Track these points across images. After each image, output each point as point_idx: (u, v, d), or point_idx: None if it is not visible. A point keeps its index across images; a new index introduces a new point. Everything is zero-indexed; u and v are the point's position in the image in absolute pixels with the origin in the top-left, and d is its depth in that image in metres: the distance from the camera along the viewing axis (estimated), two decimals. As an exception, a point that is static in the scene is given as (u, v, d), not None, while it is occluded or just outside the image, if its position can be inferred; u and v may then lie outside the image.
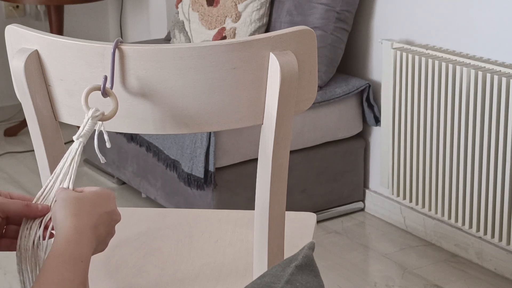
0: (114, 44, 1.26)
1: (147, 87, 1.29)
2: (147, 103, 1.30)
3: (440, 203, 2.74)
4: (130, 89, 1.29)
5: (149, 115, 1.31)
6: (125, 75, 1.29)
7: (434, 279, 2.65)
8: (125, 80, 1.29)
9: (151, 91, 1.29)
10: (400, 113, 2.82)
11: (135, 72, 1.28)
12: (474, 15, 2.65)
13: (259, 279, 0.95)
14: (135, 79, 1.29)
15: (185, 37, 3.30)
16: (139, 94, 1.30)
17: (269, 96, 1.30)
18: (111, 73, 1.27)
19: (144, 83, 1.29)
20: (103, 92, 1.26)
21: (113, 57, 1.26)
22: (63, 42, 1.29)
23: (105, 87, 1.26)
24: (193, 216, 1.75)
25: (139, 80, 1.29)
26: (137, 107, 1.31)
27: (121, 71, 1.28)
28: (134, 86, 1.29)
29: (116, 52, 1.27)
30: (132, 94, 1.30)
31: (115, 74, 1.28)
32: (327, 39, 2.95)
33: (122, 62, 1.27)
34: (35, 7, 4.21)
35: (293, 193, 2.94)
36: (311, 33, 1.32)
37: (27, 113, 1.36)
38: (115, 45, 1.26)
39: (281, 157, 1.35)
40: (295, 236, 1.63)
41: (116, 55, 1.27)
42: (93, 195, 1.13)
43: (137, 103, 1.30)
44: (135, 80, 1.29)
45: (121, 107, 1.30)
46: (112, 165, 3.32)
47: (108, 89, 1.26)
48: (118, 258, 1.59)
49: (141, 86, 1.29)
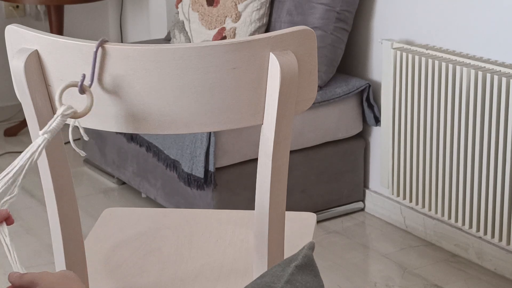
0: (98, 43, 1.26)
1: (147, 87, 1.29)
2: (147, 103, 1.30)
3: (440, 203, 2.74)
4: (129, 89, 1.29)
5: (149, 115, 1.31)
6: (122, 74, 1.29)
7: (434, 279, 2.65)
8: (124, 80, 1.29)
9: (151, 91, 1.29)
10: (400, 113, 2.82)
11: (134, 72, 1.28)
12: (474, 15, 2.65)
13: (259, 279, 0.95)
14: (135, 78, 1.29)
15: (185, 37, 3.30)
16: (139, 94, 1.30)
17: (269, 96, 1.30)
18: (91, 71, 1.27)
19: (143, 83, 1.29)
20: (80, 89, 1.26)
21: (94, 55, 1.26)
22: (63, 42, 1.29)
23: (82, 84, 1.26)
24: (193, 216, 1.75)
25: (138, 80, 1.29)
26: (137, 107, 1.30)
27: (112, 70, 1.28)
28: (134, 86, 1.29)
29: (114, 52, 1.27)
30: (132, 94, 1.30)
31: (116, 73, 1.28)
32: (327, 39, 2.95)
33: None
34: (35, 7, 4.21)
35: (293, 193, 2.94)
36: (311, 33, 1.32)
37: (27, 113, 1.36)
38: (99, 44, 1.26)
39: (281, 157, 1.35)
40: (295, 236, 1.63)
41: (116, 55, 1.27)
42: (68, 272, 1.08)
43: (137, 103, 1.30)
44: (135, 80, 1.29)
45: (121, 107, 1.30)
46: (112, 165, 3.32)
47: (85, 86, 1.26)
48: (118, 258, 1.59)
49: (140, 86, 1.29)
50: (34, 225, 3.05)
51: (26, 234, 2.99)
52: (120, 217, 1.77)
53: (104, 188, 3.41)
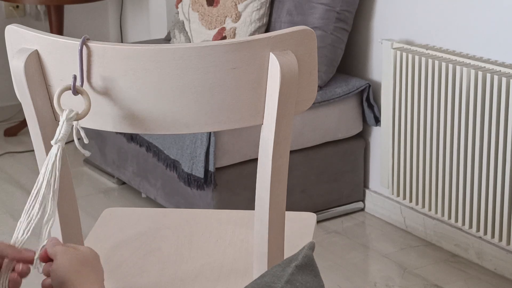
0: (81, 41, 1.26)
1: (147, 87, 1.29)
2: (147, 103, 1.30)
3: (440, 203, 2.74)
4: (129, 89, 1.29)
5: (148, 115, 1.31)
6: (122, 74, 1.29)
7: (434, 279, 2.65)
8: (124, 80, 1.29)
9: (151, 91, 1.29)
10: (400, 113, 2.82)
11: (134, 72, 1.28)
12: (474, 15, 2.65)
13: (259, 279, 0.95)
14: (134, 78, 1.28)
15: (185, 37, 3.30)
16: (139, 94, 1.30)
17: (269, 96, 1.30)
18: (80, 71, 1.27)
19: (143, 83, 1.29)
20: (73, 91, 1.26)
21: (80, 54, 1.26)
22: (63, 42, 1.29)
23: (75, 86, 1.26)
24: (193, 216, 1.75)
25: (138, 80, 1.29)
26: (137, 107, 1.30)
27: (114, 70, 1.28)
28: (134, 86, 1.29)
29: (114, 52, 1.27)
30: (132, 94, 1.30)
31: (116, 73, 1.28)
32: (327, 39, 2.95)
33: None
34: (35, 7, 4.21)
35: (293, 193, 2.94)
36: (311, 33, 1.32)
37: (27, 113, 1.36)
38: (82, 42, 1.26)
39: (281, 157, 1.35)
40: (295, 236, 1.63)
41: (116, 55, 1.27)
42: (91, 254, 1.12)
43: (137, 103, 1.30)
44: (135, 79, 1.29)
45: (120, 107, 1.30)
46: (112, 165, 3.32)
47: (79, 88, 1.26)
48: (118, 258, 1.59)
49: (140, 86, 1.29)
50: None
51: (26, 234, 2.98)
52: (120, 217, 1.77)
53: (104, 188, 3.41)
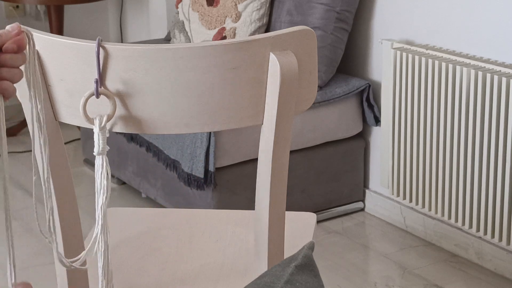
0: (97, 43, 1.26)
1: (147, 87, 1.29)
2: (147, 103, 1.30)
3: (440, 203, 2.74)
4: (129, 89, 1.29)
5: (149, 115, 1.31)
6: (119, 75, 1.28)
7: (434, 279, 2.65)
8: (124, 80, 1.29)
9: (151, 91, 1.29)
10: (400, 113, 2.82)
11: (134, 72, 1.28)
12: (474, 15, 2.65)
13: (259, 279, 0.95)
14: (134, 78, 1.28)
15: (185, 37, 3.30)
16: (139, 94, 1.29)
17: (269, 96, 1.30)
18: (98, 74, 1.27)
19: (143, 83, 1.29)
20: (97, 95, 1.26)
21: (97, 56, 1.26)
22: (63, 42, 1.29)
23: (98, 90, 1.26)
24: (193, 216, 1.75)
25: (138, 80, 1.29)
26: (137, 107, 1.30)
27: (113, 71, 1.28)
28: (134, 86, 1.29)
29: (114, 52, 1.27)
30: (132, 94, 1.30)
31: (112, 74, 1.28)
32: (327, 39, 2.95)
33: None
34: (35, 7, 4.21)
35: (293, 193, 2.94)
36: (311, 33, 1.32)
37: (27, 113, 1.36)
38: (98, 44, 1.26)
39: (281, 157, 1.35)
40: (295, 236, 1.63)
41: (116, 55, 1.27)
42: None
43: (137, 103, 1.30)
44: (135, 79, 1.28)
45: (121, 107, 1.30)
46: (112, 165, 3.32)
47: (103, 90, 1.26)
48: (118, 258, 1.59)
49: (140, 86, 1.29)
50: (34, 225, 3.04)
51: (26, 234, 2.99)
52: (120, 217, 1.77)
53: (104, 188, 3.41)
